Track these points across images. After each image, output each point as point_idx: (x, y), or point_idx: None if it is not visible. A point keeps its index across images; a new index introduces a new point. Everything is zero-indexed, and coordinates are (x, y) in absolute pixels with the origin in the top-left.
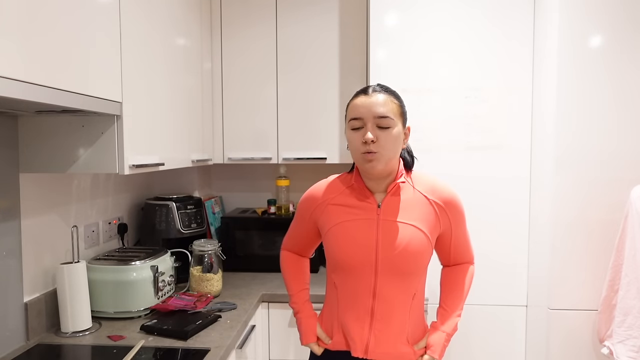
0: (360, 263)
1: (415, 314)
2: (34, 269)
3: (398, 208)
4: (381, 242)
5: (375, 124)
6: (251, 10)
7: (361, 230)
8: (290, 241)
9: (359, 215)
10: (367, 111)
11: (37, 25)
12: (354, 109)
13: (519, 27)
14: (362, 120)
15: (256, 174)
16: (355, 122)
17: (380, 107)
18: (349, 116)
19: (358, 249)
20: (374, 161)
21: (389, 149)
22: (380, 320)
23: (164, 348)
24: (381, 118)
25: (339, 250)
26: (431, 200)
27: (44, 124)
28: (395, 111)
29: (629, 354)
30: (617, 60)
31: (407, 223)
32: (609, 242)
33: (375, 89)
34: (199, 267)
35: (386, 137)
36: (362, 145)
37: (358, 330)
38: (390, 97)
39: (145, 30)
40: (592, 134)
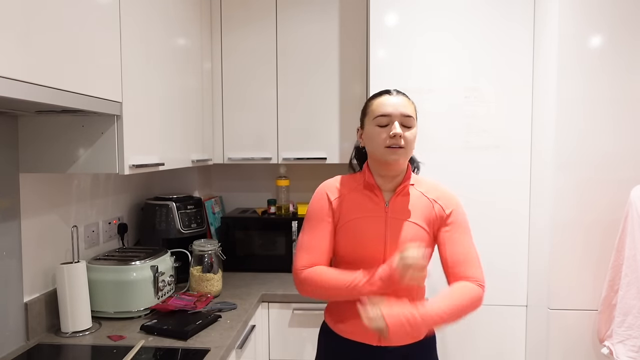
0: (370, 257)
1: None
2: (34, 269)
3: (404, 207)
4: (389, 238)
5: (401, 122)
6: (251, 10)
7: (372, 227)
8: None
9: (369, 212)
10: (395, 109)
11: (37, 25)
12: (381, 106)
13: (519, 27)
14: (389, 117)
15: (256, 174)
16: (382, 118)
17: (406, 107)
18: (376, 112)
19: (369, 243)
20: (399, 154)
21: (411, 147)
22: None
23: (164, 348)
24: (407, 117)
25: (352, 244)
26: (431, 199)
27: (44, 124)
28: (415, 113)
29: (629, 354)
30: (617, 60)
31: (411, 222)
32: (608, 243)
33: (398, 91)
34: (199, 267)
35: (410, 135)
36: (389, 139)
37: None
38: (411, 102)
39: (145, 30)
40: (592, 134)
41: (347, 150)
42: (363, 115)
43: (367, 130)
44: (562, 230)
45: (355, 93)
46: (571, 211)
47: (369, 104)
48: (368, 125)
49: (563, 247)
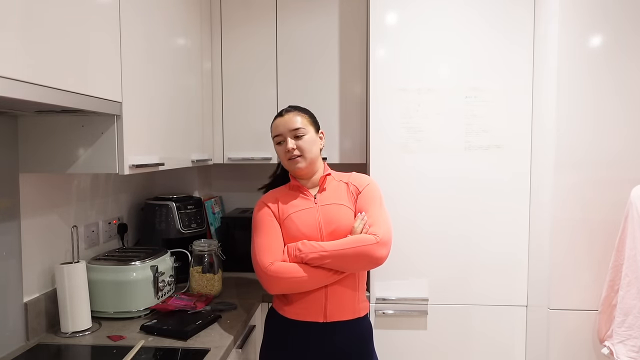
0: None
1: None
2: (34, 269)
3: (329, 196)
4: (323, 221)
5: (293, 136)
6: (251, 9)
7: (307, 216)
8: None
9: (303, 206)
10: (284, 128)
11: (37, 26)
12: (275, 129)
13: (519, 27)
14: (282, 135)
15: (256, 174)
16: (278, 138)
17: (293, 122)
18: (273, 134)
19: (307, 230)
20: (298, 162)
21: (308, 150)
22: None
23: (164, 348)
24: (295, 130)
25: (294, 234)
26: (346, 182)
27: (44, 124)
28: (306, 122)
29: (629, 354)
30: (617, 60)
31: (336, 203)
32: (609, 242)
33: (288, 110)
34: (199, 267)
35: (303, 143)
36: (287, 153)
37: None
38: (300, 113)
39: (145, 30)
40: (592, 134)
41: (347, 149)
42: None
43: (275, 149)
44: (562, 230)
45: (355, 93)
46: (571, 211)
47: (271, 126)
48: (273, 140)
49: (563, 247)
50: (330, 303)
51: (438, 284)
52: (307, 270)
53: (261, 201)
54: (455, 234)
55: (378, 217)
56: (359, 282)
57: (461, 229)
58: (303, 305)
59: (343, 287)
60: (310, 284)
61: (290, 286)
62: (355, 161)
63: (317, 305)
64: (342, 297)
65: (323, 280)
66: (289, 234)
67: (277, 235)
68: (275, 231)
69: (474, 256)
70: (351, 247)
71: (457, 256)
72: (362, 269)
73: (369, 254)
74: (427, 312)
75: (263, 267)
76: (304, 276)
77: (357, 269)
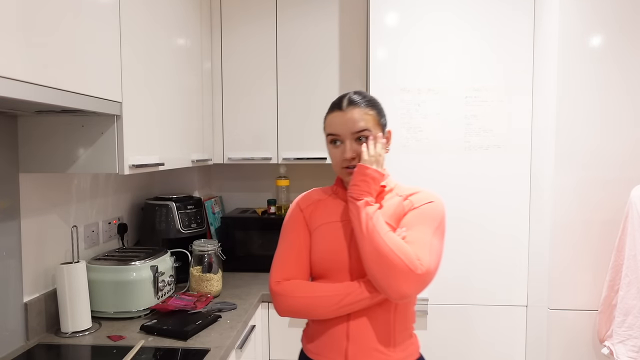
0: (334, 267)
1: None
2: (34, 269)
3: None
4: (355, 244)
5: (354, 139)
6: (251, 9)
7: (336, 232)
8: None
9: (336, 217)
10: (344, 128)
11: (37, 25)
12: (331, 125)
13: (519, 27)
14: (339, 136)
15: (256, 174)
16: (333, 137)
17: (357, 122)
18: (327, 131)
19: (332, 248)
20: None
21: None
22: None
23: (164, 348)
24: (358, 132)
25: (318, 253)
26: (404, 196)
27: (44, 124)
28: (372, 122)
29: (629, 354)
30: (618, 60)
31: None
32: (609, 243)
33: (351, 100)
34: (199, 267)
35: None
36: (342, 161)
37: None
38: (365, 109)
39: (145, 30)
40: (592, 134)
41: None
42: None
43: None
44: (562, 230)
45: None
46: (571, 211)
47: (324, 119)
48: (326, 141)
49: (563, 247)
50: (352, 343)
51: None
52: (320, 289)
53: (296, 201)
54: (455, 234)
55: (425, 241)
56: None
57: (461, 229)
58: (321, 344)
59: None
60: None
61: (298, 309)
62: None
63: (337, 345)
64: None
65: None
66: (314, 249)
67: (299, 247)
68: (299, 242)
69: (474, 256)
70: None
71: (457, 256)
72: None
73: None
74: (427, 312)
75: (270, 284)
76: (316, 296)
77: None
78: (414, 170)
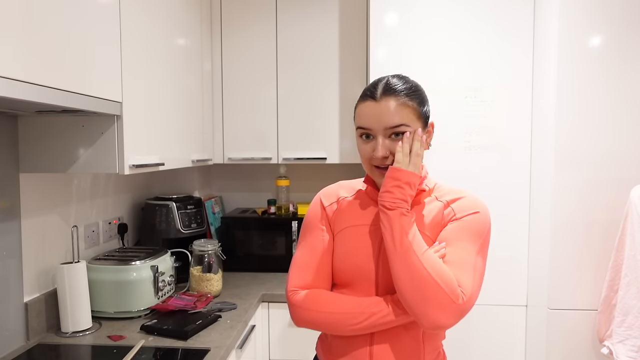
0: (359, 276)
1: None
2: (34, 269)
3: None
4: (384, 251)
5: (388, 135)
6: (251, 10)
7: (363, 237)
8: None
9: (364, 220)
10: (377, 122)
11: (37, 25)
12: (361, 117)
13: (519, 28)
14: (371, 130)
15: (256, 174)
16: (363, 130)
17: (393, 116)
18: (357, 123)
19: (357, 259)
20: None
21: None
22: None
23: (164, 348)
24: (396, 127)
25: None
26: (445, 201)
27: (44, 124)
28: (412, 115)
29: (629, 354)
30: (618, 60)
31: None
32: (609, 242)
33: (387, 87)
34: (199, 267)
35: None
36: (372, 158)
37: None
38: (404, 100)
39: (145, 30)
40: (592, 134)
41: (347, 150)
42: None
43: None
44: (562, 230)
45: (355, 93)
46: (571, 211)
47: (356, 106)
48: (355, 133)
49: (563, 247)
50: None
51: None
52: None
53: (318, 197)
54: None
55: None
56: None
57: None
58: None
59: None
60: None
61: (317, 323)
62: (355, 161)
63: None
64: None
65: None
66: (337, 253)
67: (321, 250)
68: (320, 244)
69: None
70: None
71: None
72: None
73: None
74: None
75: (287, 291)
76: (336, 312)
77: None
78: None
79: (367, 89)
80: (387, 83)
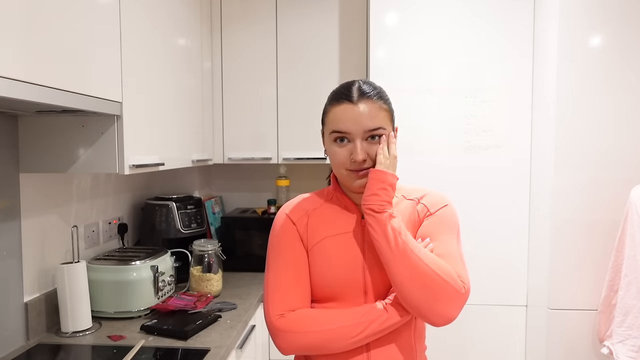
0: (346, 287)
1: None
2: (34, 269)
3: None
4: (368, 258)
5: (365, 138)
6: (251, 9)
7: (344, 247)
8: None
9: (341, 228)
10: (355, 125)
11: (37, 26)
12: (337, 120)
13: (519, 27)
14: (348, 134)
15: (256, 174)
16: (338, 134)
17: (372, 119)
18: (331, 127)
19: (343, 265)
20: (365, 177)
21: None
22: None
23: (164, 348)
24: (372, 130)
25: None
26: (414, 198)
27: (44, 124)
28: (386, 119)
29: (629, 353)
30: (617, 60)
31: None
32: (609, 242)
33: (362, 91)
34: (199, 267)
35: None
36: (349, 162)
37: None
38: (379, 103)
39: (145, 29)
40: (592, 134)
41: None
42: (322, 121)
43: (325, 142)
44: (562, 230)
45: None
46: (571, 211)
47: (326, 110)
48: (326, 137)
49: (563, 247)
50: None
51: None
52: (337, 319)
53: (283, 212)
54: None
55: (456, 254)
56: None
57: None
58: None
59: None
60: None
61: (311, 345)
62: None
63: None
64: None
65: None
66: (316, 268)
67: (299, 269)
68: (298, 263)
69: (474, 256)
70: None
71: None
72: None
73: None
74: None
75: (269, 318)
76: (332, 328)
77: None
78: (413, 170)
79: (340, 92)
80: (360, 87)
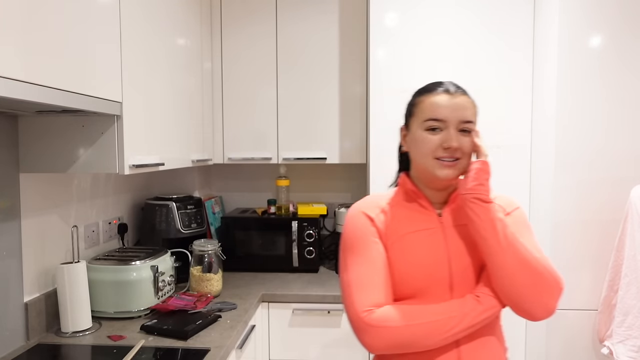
0: (432, 282)
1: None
2: (34, 269)
3: (461, 214)
4: (453, 253)
5: (458, 129)
6: (251, 10)
7: (427, 243)
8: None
9: (420, 225)
10: (453, 114)
11: (37, 25)
12: (435, 108)
13: (519, 28)
14: (444, 122)
15: (256, 174)
16: (434, 122)
17: (467, 110)
18: (426, 115)
19: (430, 262)
20: (452, 169)
21: (468, 159)
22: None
23: (164, 348)
24: (467, 123)
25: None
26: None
27: (44, 124)
28: (476, 116)
29: (629, 353)
30: (617, 61)
31: None
32: (608, 242)
33: (457, 86)
34: (199, 267)
35: (467, 144)
36: (440, 150)
37: None
38: (471, 99)
39: (145, 30)
40: (592, 134)
41: (347, 150)
42: (409, 113)
43: (413, 132)
44: (562, 229)
45: (355, 93)
46: (571, 211)
47: (418, 101)
48: (415, 127)
49: (563, 246)
50: None
51: None
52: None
53: (358, 209)
54: None
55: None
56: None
57: None
58: None
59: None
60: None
61: (402, 341)
62: (355, 161)
63: None
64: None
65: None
66: (399, 264)
67: (381, 265)
68: (380, 259)
69: None
70: (537, 256)
71: None
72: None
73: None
74: None
75: (357, 314)
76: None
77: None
78: None
79: (434, 85)
80: (453, 83)
